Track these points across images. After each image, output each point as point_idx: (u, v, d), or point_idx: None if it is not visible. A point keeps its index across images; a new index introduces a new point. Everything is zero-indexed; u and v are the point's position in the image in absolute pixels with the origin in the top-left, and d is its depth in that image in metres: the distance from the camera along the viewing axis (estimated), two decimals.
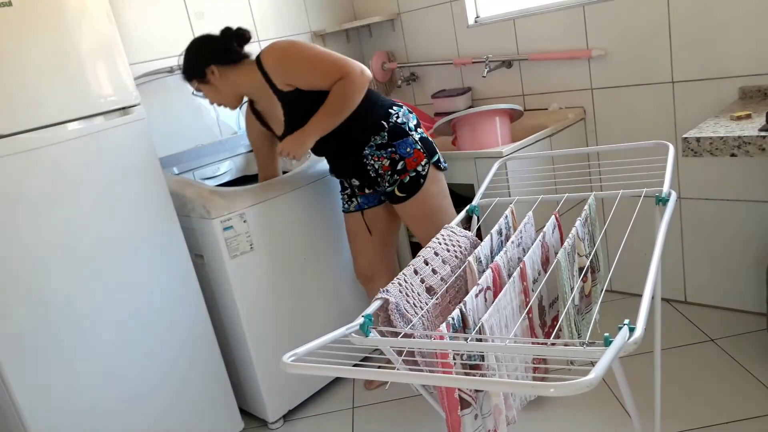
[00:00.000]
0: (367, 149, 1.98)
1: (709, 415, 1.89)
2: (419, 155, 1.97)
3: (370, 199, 2.17)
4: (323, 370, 0.93)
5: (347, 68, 1.83)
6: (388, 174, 1.98)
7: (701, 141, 1.78)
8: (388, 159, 1.97)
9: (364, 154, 1.99)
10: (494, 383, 0.91)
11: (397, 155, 1.96)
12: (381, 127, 1.96)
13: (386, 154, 1.97)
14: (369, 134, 1.97)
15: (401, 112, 2.01)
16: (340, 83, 1.84)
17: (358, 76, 1.84)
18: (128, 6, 2.39)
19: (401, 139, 1.96)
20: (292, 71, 1.88)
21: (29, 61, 1.66)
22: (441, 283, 1.42)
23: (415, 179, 1.97)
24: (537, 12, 2.57)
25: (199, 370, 2.09)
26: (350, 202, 2.19)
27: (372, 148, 1.98)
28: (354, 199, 2.18)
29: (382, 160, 1.97)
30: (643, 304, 1.00)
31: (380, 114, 1.97)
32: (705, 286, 2.48)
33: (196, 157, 2.41)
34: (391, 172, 1.98)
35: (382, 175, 2.00)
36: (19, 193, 1.66)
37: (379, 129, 1.96)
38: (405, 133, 1.97)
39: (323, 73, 1.85)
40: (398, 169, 1.97)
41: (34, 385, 1.71)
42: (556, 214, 1.53)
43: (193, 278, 2.06)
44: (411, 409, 2.23)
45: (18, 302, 1.67)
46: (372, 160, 1.99)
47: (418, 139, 1.98)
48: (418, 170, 1.97)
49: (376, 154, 1.98)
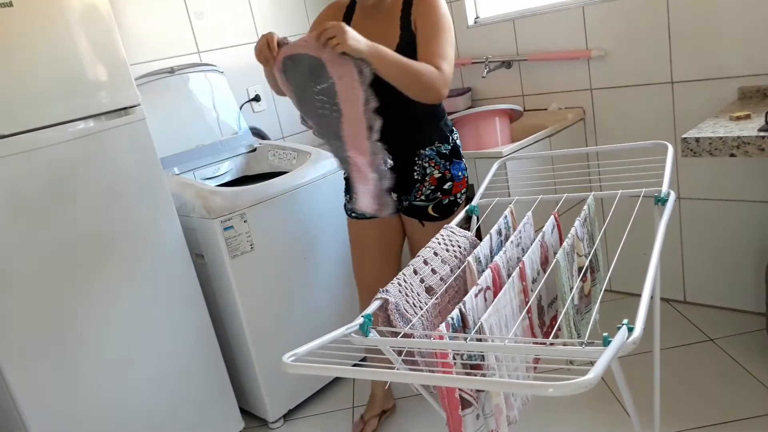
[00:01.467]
0: (428, 150, 1.86)
1: (709, 415, 1.89)
2: (464, 184, 1.91)
3: None
4: (323, 370, 0.93)
5: (447, 69, 1.70)
6: (431, 188, 1.87)
7: (700, 141, 1.78)
8: (440, 173, 1.87)
9: (421, 153, 1.86)
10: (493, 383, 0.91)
11: (449, 173, 1.88)
12: (447, 139, 1.88)
13: (442, 166, 1.87)
14: (435, 139, 1.87)
15: (457, 137, 1.94)
16: (432, 68, 1.67)
17: (444, 84, 1.69)
18: (129, 6, 2.39)
19: (458, 161, 1.90)
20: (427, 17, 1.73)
21: (29, 61, 1.66)
22: (440, 283, 1.42)
23: (452, 205, 1.90)
24: (537, 12, 2.58)
25: (200, 370, 2.09)
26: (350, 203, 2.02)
27: (433, 152, 1.86)
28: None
29: (435, 170, 1.86)
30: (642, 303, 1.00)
31: (448, 127, 1.91)
32: (704, 286, 2.48)
33: (196, 158, 2.41)
34: (435, 188, 1.87)
35: (422, 184, 1.87)
36: (19, 193, 1.66)
37: (446, 140, 1.88)
38: (461, 157, 1.92)
39: (436, 47, 1.71)
40: (444, 188, 1.87)
41: (34, 385, 1.71)
42: (555, 214, 1.53)
43: (194, 278, 2.06)
44: (411, 409, 2.23)
45: (18, 302, 1.67)
46: (426, 163, 1.87)
47: (465, 167, 1.94)
48: (457, 197, 1.91)
49: (434, 159, 1.86)
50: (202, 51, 2.62)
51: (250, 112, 2.81)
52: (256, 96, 2.82)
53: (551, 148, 2.41)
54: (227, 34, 2.70)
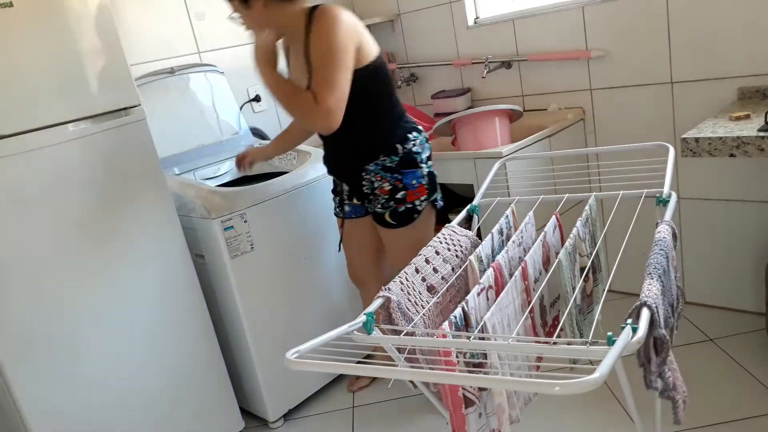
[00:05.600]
0: (372, 165, 1.90)
1: (709, 415, 1.89)
2: (422, 191, 1.91)
3: (357, 210, 2.11)
4: (327, 366, 0.93)
5: (325, 98, 1.66)
6: (384, 198, 1.92)
7: (700, 141, 1.79)
8: (390, 184, 1.90)
9: (366, 168, 1.92)
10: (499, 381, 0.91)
11: (401, 183, 1.89)
12: (394, 150, 1.88)
13: (391, 179, 1.89)
14: (380, 153, 1.89)
15: (419, 140, 1.92)
16: (310, 98, 1.69)
17: (320, 114, 1.67)
18: (129, 6, 2.39)
19: (411, 170, 1.89)
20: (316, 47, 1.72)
21: (30, 62, 1.66)
22: (442, 282, 1.42)
23: (409, 212, 1.92)
24: (536, 13, 2.58)
25: (200, 370, 2.09)
26: (341, 207, 2.14)
27: (377, 167, 1.90)
28: (344, 206, 2.12)
29: (384, 183, 1.90)
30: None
31: (398, 137, 1.89)
32: (704, 286, 2.48)
33: (196, 158, 2.41)
34: (388, 198, 1.91)
35: (376, 196, 1.93)
36: (19, 193, 1.66)
37: (392, 152, 1.88)
38: (416, 164, 1.90)
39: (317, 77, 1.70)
40: (397, 198, 1.90)
41: (35, 385, 1.70)
42: (556, 214, 1.54)
43: (194, 278, 2.06)
44: (411, 409, 2.23)
45: (19, 302, 1.67)
46: (372, 177, 1.92)
47: (426, 173, 1.92)
48: (416, 204, 1.92)
49: (380, 174, 1.90)
50: (202, 51, 2.62)
51: (250, 112, 2.81)
52: (257, 96, 2.82)
53: (551, 148, 2.42)
54: (227, 34, 2.70)
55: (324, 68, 1.69)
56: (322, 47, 1.70)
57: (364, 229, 2.13)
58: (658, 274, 1.10)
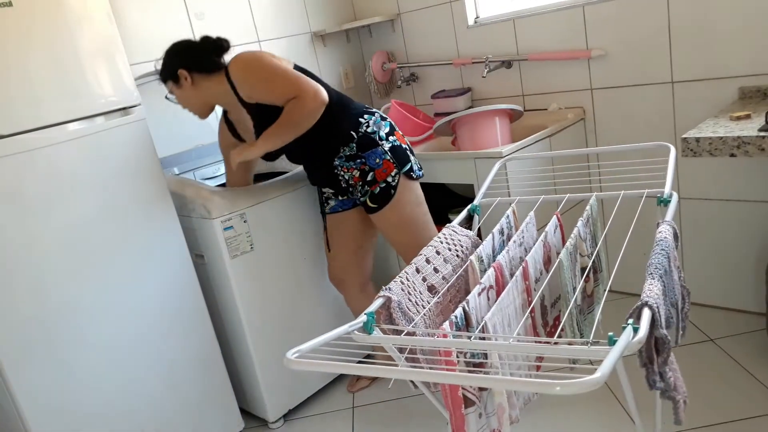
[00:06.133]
0: (336, 160, 1.99)
1: (709, 415, 1.89)
2: (389, 166, 1.96)
3: (345, 203, 2.14)
4: (327, 366, 0.93)
5: (301, 89, 1.82)
6: (360, 185, 1.99)
7: (700, 141, 1.78)
8: (357, 170, 1.97)
9: (335, 165, 2.00)
10: (500, 381, 0.91)
11: (366, 166, 1.96)
12: (350, 137, 1.96)
13: (356, 165, 1.97)
14: (338, 145, 1.97)
15: (372, 121, 1.99)
16: (292, 103, 1.83)
17: (310, 99, 1.82)
18: (129, 6, 2.38)
19: (370, 150, 1.96)
20: (252, 86, 1.89)
21: (29, 61, 1.66)
22: (442, 281, 1.42)
23: (385, 190, 1.97)
24: (537, 12, 2.58)
25: (200, 370, 2.09)
26: (325, 204, 2.18)
27: (342, 159, 1.98)
28: (329, 202, 2.16)
29: (352, 171, 1.98)
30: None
31: (350, 124, 1.96)
32: (705, 286, 2.48)
33: (196, 158, 2.41)
34: (362, 183, 1.98)
35: (353, 186, 2.01)
36: (19, 193, 1.66)
37: (348, 140, 1.96)
38: (374, 143, 1.96)
39: (278, 92, 1.85)
40: (368, 180, 1.97)
41: (34, 385, 1.70)
42: (557, 214, 1.53)
43: (194, 278, 2.06)
44: (411, 409, 2.23)
45: (18, 302, 1.67)
46: (342, 171, 2.00)
47: (388, 149, 1.97)
48: (388, 181, 1.96)
49: (345, 165, 1.98)
50: None
51: None
52: None
53: (551, 148, 2.41)
54: (227, 34, 2.68)
55: (273, 90, 1.85)
56: (254, 81, 1.88)
57: (348, 222, 2.17)
58: (659, 274, 1.10)
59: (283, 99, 1.85)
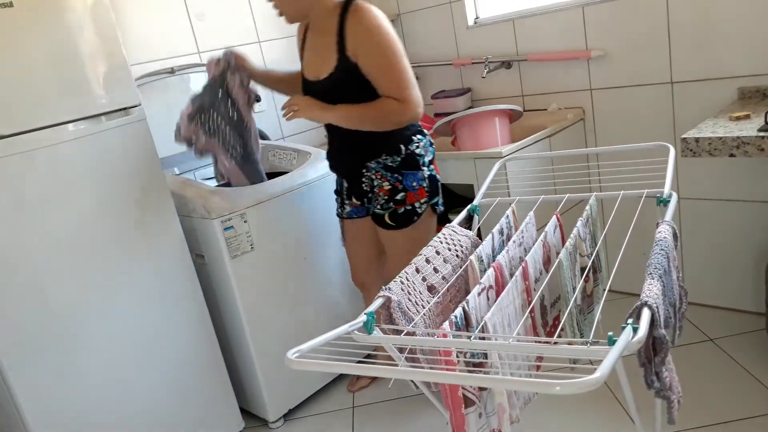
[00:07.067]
0: (372, 162, 1.91)
1: (709, 415, 1.89)
2: (422, 193, 1.91)
3: (358, 210, 2.09)
4: (327, 366, 0.93)
5: (410, 97, 1.75)
6: (384, 198, 1.91)
7: (700, 141, 1.79)
8: (390, 184, 1.90)
9: (367, 165, 1.92)
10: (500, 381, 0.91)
11: (401, 185, 1.89)
12: (397, 150, 1.88)
13: (390, 179, 1.89)
14: (382, 151, 1.88)
15: (423, 143, 1.92)
16: (393, 102, 1.75)
17: (411, 111, 1.76)
18: (129, 6, 2.38)
19: (411, 171, 1.89)
20: (369, 52, 1.75)
21: (30, 61, 1.66)
22: (442, 281, 1.42)
23: (409, 214, 1.91)
24: (536, 13, 2.58)
25: (200, 370, 2.09)
26: (343, 207, 2.13)
27: (378, 165, 1.90)
28: (345, 206, 2.11)
29: (384, 182, 1.90)
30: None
31: (402, 137, 1.88)
32: (704, 286, 2.48)
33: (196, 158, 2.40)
34: (388, 199, 1.91)
35: (375, 195, 1.94)
36: (19, 193, 1.66)
37: (394, 152, 1.88)
38: (417, 166, 1.90)
39: (390, 81, 1.75)
40: (396, 199, 1.90)
41: (35, 385, 1.70)
42: (557, 214, 1.54)
43: (194, 278, 2.06)
44: (411, 409, 2.23)
45: (18, 302, 1.67)
46: (372, 175, 1.92)
47: (428, 176, 1.92)
48: (415, 206, 1.91)
49: (380, 173, 1.90)
50: (202, 51, 2.61)
51: None
52: (257, 96, 2.81)
53: (551, 148, 2.42)
54: (227, 34, 2.70)
55: (391, 71, 1.74)
56: (377, 48, 1.74)
57: (365, 230, 2.12)
58: (658, 274, 1.10)
59: (390, 91, 1.75)
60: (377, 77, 1.76)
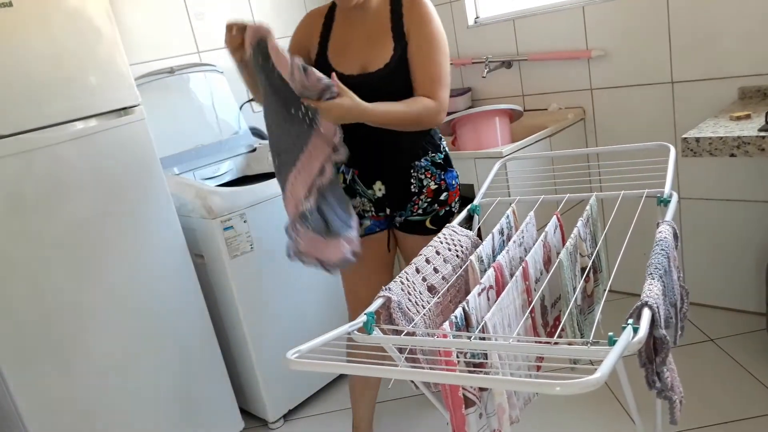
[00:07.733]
0: (423, 160, 1.75)
1: (709, 415, 1.89)
2: (457, 193, 1.84)
3: (381, 224, 1.84)
4: (327, 366, 0.93)
5: (444, 95, 1.64)
6: (427, 201, 1.77)
7: (701, 141, 1.79)
8: (436, 184, 1.77)
9: (417, 164, 1.75)
10: (500, 381, 0.91)
11: (445, 183, 1.78)
12: (439, 147, 1.79)
13: (438, 176, 1.77)
14: (428, 148, 1.76)
15: (445, 145, 1.85)
16: (430, 102, 1.62)
17: (442, 113, 1.65)
18: (129, 6, 2.38)
19: (451, 170, 1.81)
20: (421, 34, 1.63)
21: (29, 61, 1.66)
22: (442, 282, 1.42)
23: (447, 215, 1.80)
24: (537, 12, 2.58)
25: (200, 370, 2.09)
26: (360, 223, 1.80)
27: (428, 162, 1.76)
28: (363, 221, 1.82)
29: (432, 181, 1.76)
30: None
31: (438, 136, 1.81)
32: (705, 286, 2.48)
33: (196, 158, 2.40)
34: (432, 200, 1.77)
35: (419, 197, 1.77)
36: (19, 193, 1.65)
37: (437, 149, 1.78)
38: (452, 165, 1.82)
39: (430, 74, 1.63)
40: (440, 200, 1.78)
41: (34, 386, 1.70)
42: (557, 214, 1.53)
43: (194, 278, 2.05)
44: (411, 409, 2.23)
45: (18, 302, 1.66)
46: (422, 174, 1.76)
47: (457, 175, 1.85)
48: (452, 206, 1.82)
49: (430, 170, 1.76)
50: (201, 51, 2.61)
51: (250, 112, 2.80)
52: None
53: (551, 148, 2.41)
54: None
55: (435, 59, 1.63)
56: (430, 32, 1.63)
57: (379, 248, 1.87)
58: (659, 275, 1.10)
59: (425, 87, 1.63)
60: (417, 65, 1.64)
